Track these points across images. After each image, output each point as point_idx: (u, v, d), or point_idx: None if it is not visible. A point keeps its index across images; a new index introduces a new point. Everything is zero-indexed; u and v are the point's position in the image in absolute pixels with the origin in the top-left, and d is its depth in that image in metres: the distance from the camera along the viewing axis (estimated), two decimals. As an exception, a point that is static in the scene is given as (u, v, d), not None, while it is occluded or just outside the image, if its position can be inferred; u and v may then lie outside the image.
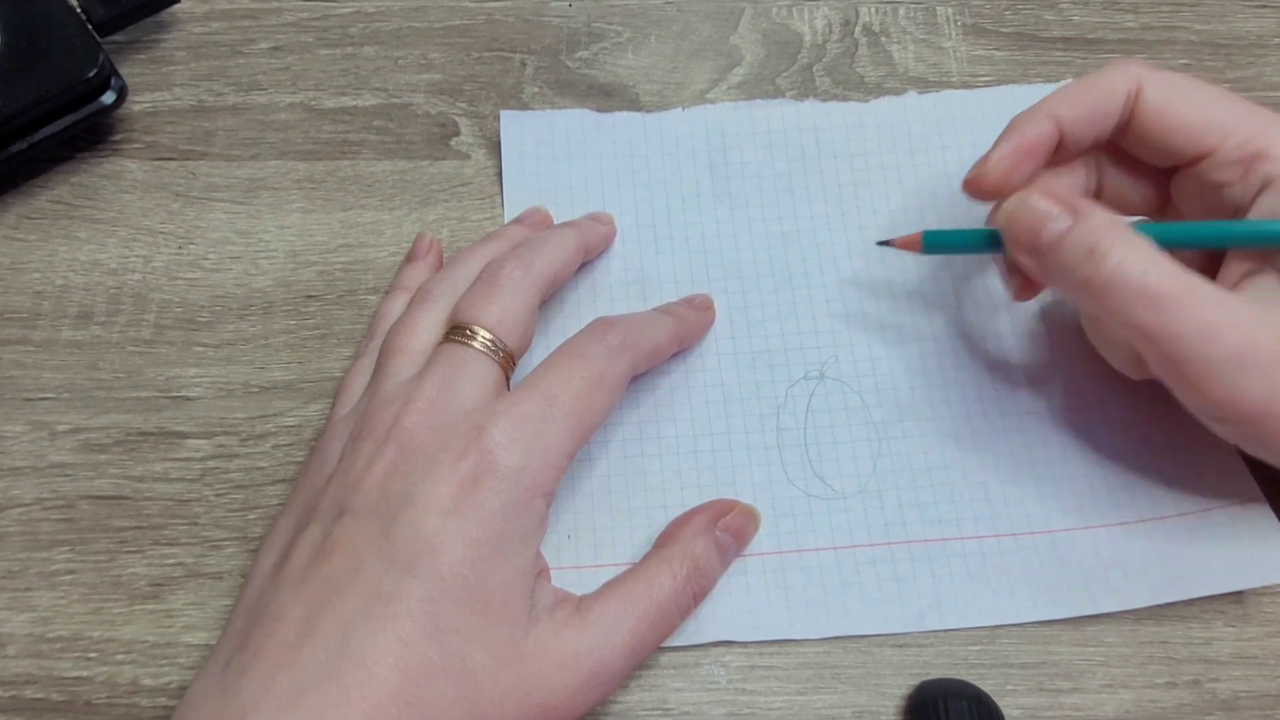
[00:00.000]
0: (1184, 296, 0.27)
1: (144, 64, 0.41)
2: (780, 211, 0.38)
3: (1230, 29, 0.41)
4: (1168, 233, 0.30)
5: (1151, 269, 0.27)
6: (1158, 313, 0.27)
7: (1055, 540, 0.32)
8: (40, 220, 0.38)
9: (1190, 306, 0.27)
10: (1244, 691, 0.31)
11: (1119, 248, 0.27)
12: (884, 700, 0.31)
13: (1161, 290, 0.27)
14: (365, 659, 0.24)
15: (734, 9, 0.42)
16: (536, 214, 0.37)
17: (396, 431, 0.28)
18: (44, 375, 0.35)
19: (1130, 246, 0.27)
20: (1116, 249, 0.27)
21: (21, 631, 0.31)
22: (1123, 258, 0.27)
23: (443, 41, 0.41)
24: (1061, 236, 0.28)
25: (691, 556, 0.30)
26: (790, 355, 0.35)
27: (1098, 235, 0.28)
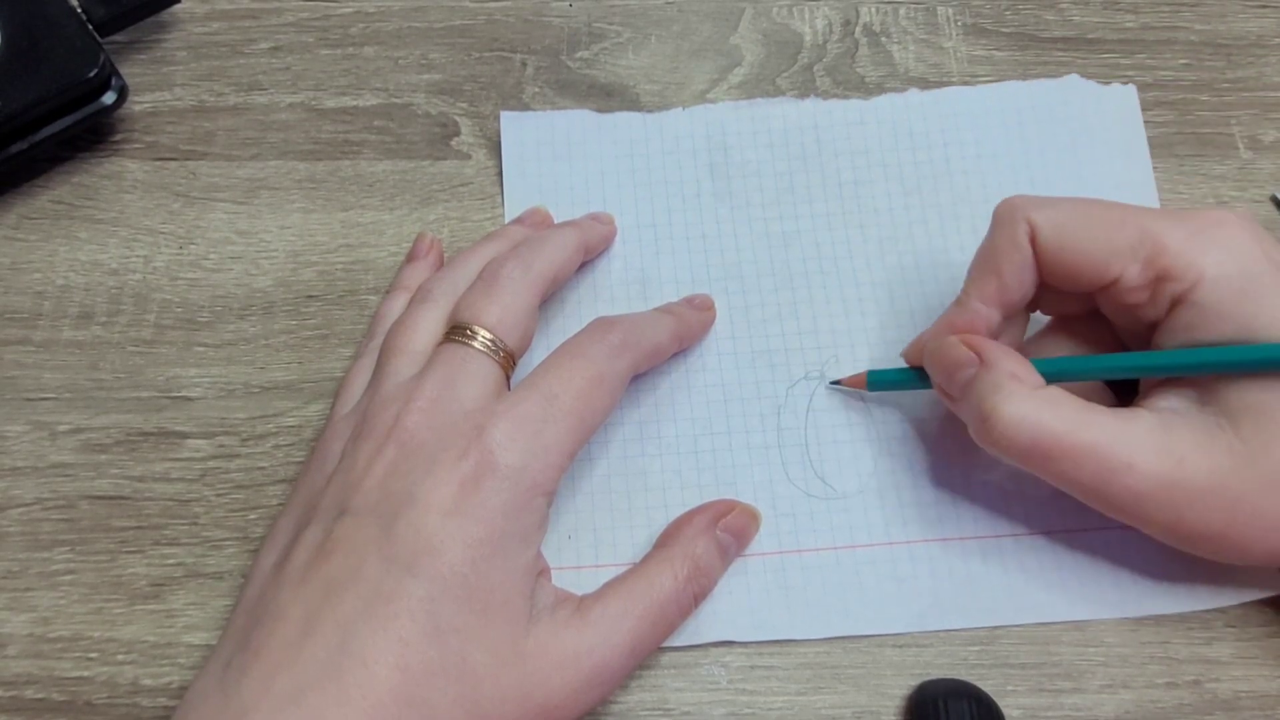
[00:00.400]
0: (1079, 444, 0.27)
1: (144, 64, 0.41)
2: (781, 211, 0.38)
3: (1230, 29, 0.41)
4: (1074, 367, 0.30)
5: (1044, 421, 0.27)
6: (1057, 465, 0.27)
7: (1057, 543, 0.32)
8: (41, 220, 0.38)
9: (1089, 452, 0.27)
10: (1244, 692, 0.30)
11: (1011, 403, 0.28)
12: (884, 700, 0.31)
13: (1057, 444, 0.27)
14: (366, 658, 0.24)
15: (734, 9, 0.42)
16: (537, 214, 0.37)
17: (397, 431, 0.28)
18: (45, 375, 0.35)
19: (1021, 400, 0.28)
20: (1008, 405, 0.28)
21: (22, 632, 0.31)
22: (1010, 415, 0.27)
23: (443, 41, 0.41)
24: (969, 384, 0.29)
25: (692, 556, 0.30)
26: (791, 355, 0.35)
27: (991, 390, 0.28)
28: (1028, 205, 0.30)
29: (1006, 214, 0.30)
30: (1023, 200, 0.30)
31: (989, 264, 0.30)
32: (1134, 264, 0.28)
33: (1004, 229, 0.30)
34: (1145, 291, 0.29)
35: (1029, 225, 0.29)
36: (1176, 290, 0.28)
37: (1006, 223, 0.30)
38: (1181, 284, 0.28)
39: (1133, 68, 0.41)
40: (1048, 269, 0.30)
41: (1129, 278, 0.29)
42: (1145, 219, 0.29)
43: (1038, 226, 0.29)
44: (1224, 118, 0.39)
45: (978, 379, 0.29)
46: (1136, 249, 0.28)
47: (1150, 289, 0.29)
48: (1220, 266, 0.28)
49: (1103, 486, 0.27)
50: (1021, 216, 0.30)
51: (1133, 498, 0.27)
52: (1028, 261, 0.30)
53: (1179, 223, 0.28)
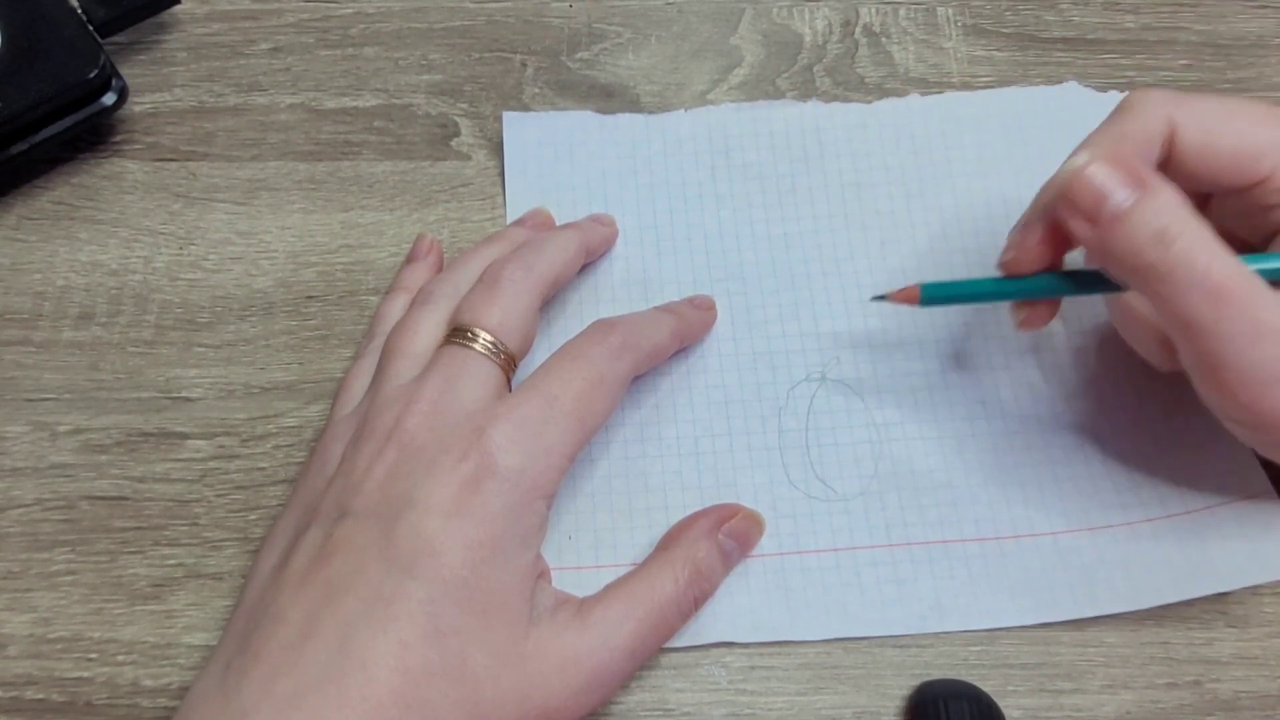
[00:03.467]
0: (1242, 294, 0.25)
1: (145, 65, 0.41)
2: (783, 213, 0.38)
3: (1231, 29, 0.41)
4: None
5: (1216, 260, 0.25)
6: (1213, 307, 0.25)
7: (1058, 542, 0.32)
8: (41, 221, 0.38)
9: (1246, 306, 0.25)
10: (1245, 692, 0.31)
11: (1187, 234, 0.25)
12: (884, 701, 0.31)
13: (1223, 284, 0.25)
14: (366, 661, 0.24)
15: (734, 10, 0.42)
16: (538, 215, 0.37)
17: (398, 433, 0.28)
18: (45, 376, 0.35)
19: (1197, 234, 0.26)
20: (1185, 235, 0.25)
21: (22, 632, 0.31)
22: (1189, 245, 0.25)
23: (443, 42, 0.41)
24: (1126, 213, 0.26)
25: (694, 560, 0.30)
26: (792, 357, 0.35)
27: (1166, 217, 0.26)
28: (1169, 99, 0.28)
29: (1142, 105, 0.28)
30: (1162, 93, 0.28)
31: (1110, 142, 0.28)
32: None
33: (1137, 118, 0.28)
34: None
35: (1169, 122, 0.28)
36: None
37: (1141, 112, 0.28)
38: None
39: (1133, 68, 0.41)
40: (1184, 169, 0.28)
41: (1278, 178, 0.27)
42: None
43: (1180, 125, 0.28)
44: (1224, 118, 0.39)
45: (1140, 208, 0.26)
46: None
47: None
48: None
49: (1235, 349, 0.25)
50: (1161, 112, 0.28)
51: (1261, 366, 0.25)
52: (1151, 158, 0.28)
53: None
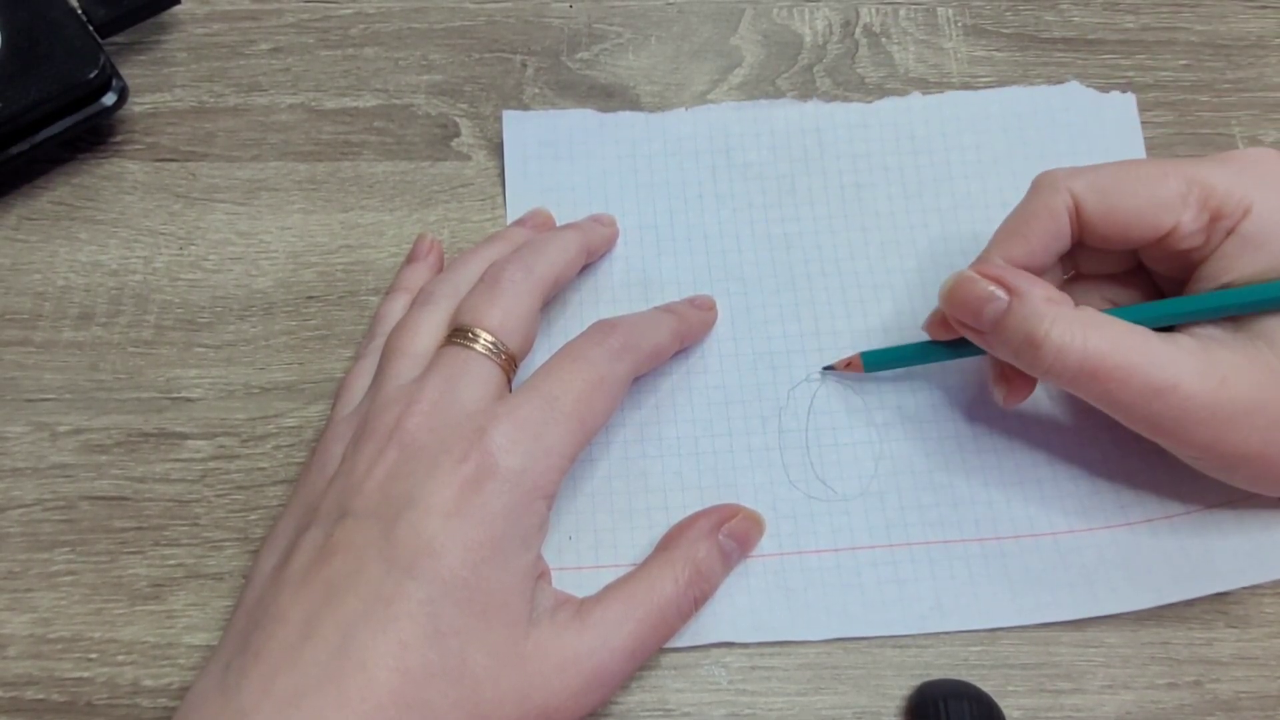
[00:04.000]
0: (1124, 365, 0.27)
1: (145, 65, 0.41)
2: (783, 213, 0.38)
3: (1230, 29, 0.41)
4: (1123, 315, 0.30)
5: (1090, 343, 0.27)
6: (1099, 385, 0.28)
7: (1058, 542, 0.32)
8: (41, 221, 0.38)
9: (1130, 376, 0.27)
10: (1245, 692, 0.31)
11: (1057, 328, 0.28)
12: (885, 701, 0.31)
13: (1100, 365, 0.27)
14: (365, 661, 0.24)
15: (734, 10, 0.42)
16: (539, 215, 0.37)
17: (398, 434, 0.28)
18: (45, 376, 0.35)
19: (1066, 324, 0.28)
20: (1055, 330, 0.28)
21: (22, 632, 0.31)
22: (1061, 338, 0.28)
23: (443, 43, 0.41)
24: (1001, 317, 0.29)
25: (694, 560, 0.30)
26: (792, 357, 0.35)
27: (1033, 319, 0.28)
28: (1069, 176, 0.30)
29: (1046, 183, 0.30)
30: (1063, 172, 0.30)
31: (1019, 228, 0.31)
32: (1186, 211, 0.29)
33: (1042, 196, 0.30)
34: (1201, 235, 0.29)
35: (1071, 196, 0.30)
36: (1228, 226, 0.29)
37: (1045, 191, 0.30)
38: (1232, 218, 0.29)
39: (1133, 68, 0.41)
40: (1097, 233, 0.30)
41: (1185, 224, 0.29)
42: (1186, 167, 0.29)
43: (1081, 195, 0.30)
44: (1224, 118, 0.39)
45: (1012, 311, 0.29)
46: (1185, 196, 0.29)
47: (1205, 232, 0.29)
48: (1266, 199, 0.29)
49: (1145, 406, 0.28)
50: (1063, 186, 0.30)
51: (1174, 418, 0.28)
52: (1061, 229, 0.30)
53: (1220, 164, 0.29)
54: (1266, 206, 0.29)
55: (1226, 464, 0.29)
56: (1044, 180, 0.31)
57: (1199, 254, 0.30)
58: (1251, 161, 0.30)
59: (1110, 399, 0.28)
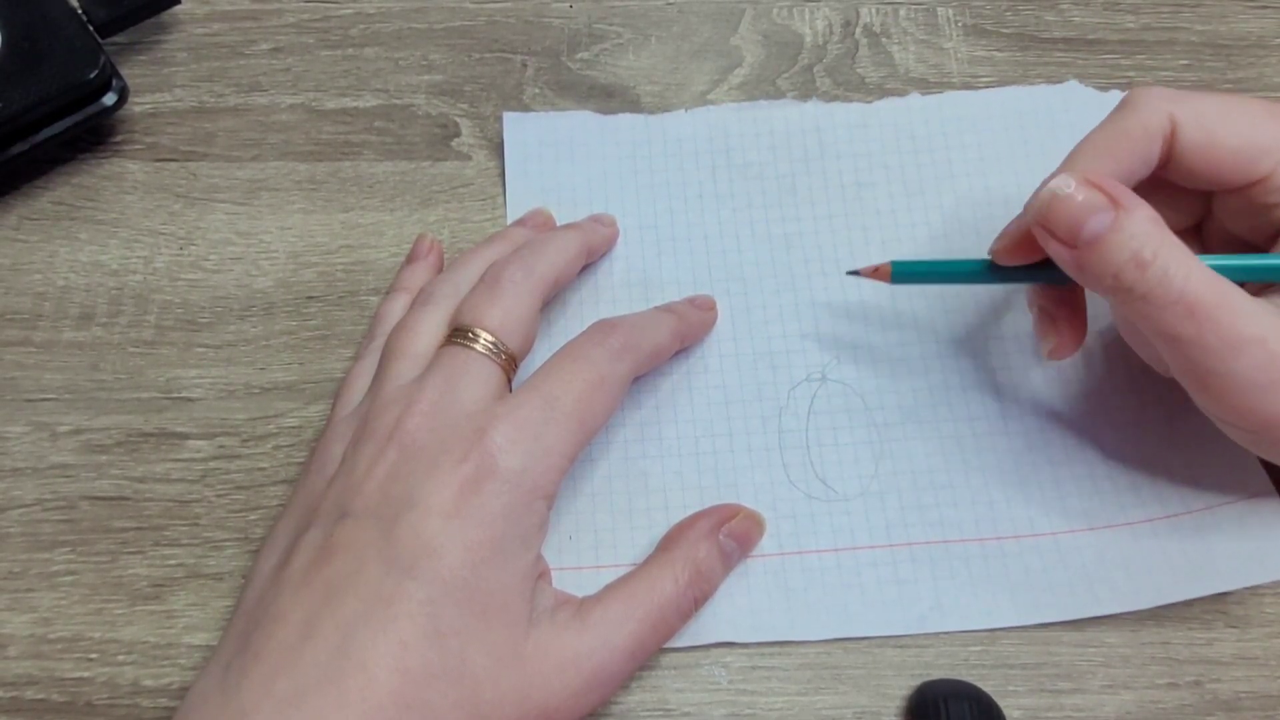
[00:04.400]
0: (1218, 308, 0.26)
1: (145, 65, 0.41)
2: (783, 213, 0.38)
3: (1231, 29, 0.41)
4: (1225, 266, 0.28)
5: (1192, 277, 0.26)
6: (1191, 323, 0.26)
7: (1059, 542, 0.32)
8: (41, 221, 0.38)
9: (1222, 319, 0.26)
10: (1245, 692, 0.31)
11: (1163, 254, 0.26)
12: (885, 701, 0.31)
13: (1200, 301, 0.26)
14: (365, 661, 0.24)
15: (734, 10, 0.42)
16: (539, 216, 0.37)
17: (398, 434, 0.28)
18: (45, 376, 0.35)
19: (1173, 252, 0.26)
20: (1161, 255, 0.26)
21: (23, 632, 0.31)
22: (1165, 265, 0.26)
23: (443, 43, 0.41)
24: (1103, 234, 0.26)
25: (694, 561, 0.30)
26: (792, 357, 0.35)
27: (1140, 239, 0.26)
28: (1170, 97, 0.28)
29: (1144, 101, 0.29)
30: (1162, 91, 0.29)
31: (1109, 146, 0.29)
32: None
33: (1138, 114, 0.28)
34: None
35: (1170, 119, 0.28)
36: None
37: (1142, 109, 0.28)
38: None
39: (1133, 69, 0.41)
40: (1185, 167, 0.28)
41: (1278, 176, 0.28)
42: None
43: (1181, 122, 0.28)
44: (1224, 119, 0.39)
45: (1118, 227, 0.26)
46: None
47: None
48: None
49: (1224, 360, 0.26)
50: (1163, 108, 0.28)
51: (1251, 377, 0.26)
52: (1151, 154, 0.28)
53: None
54: None
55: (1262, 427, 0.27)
56: (1141, 97, 0.29)
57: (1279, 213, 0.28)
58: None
59: (1195, 342, 0.26)
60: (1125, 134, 0.29)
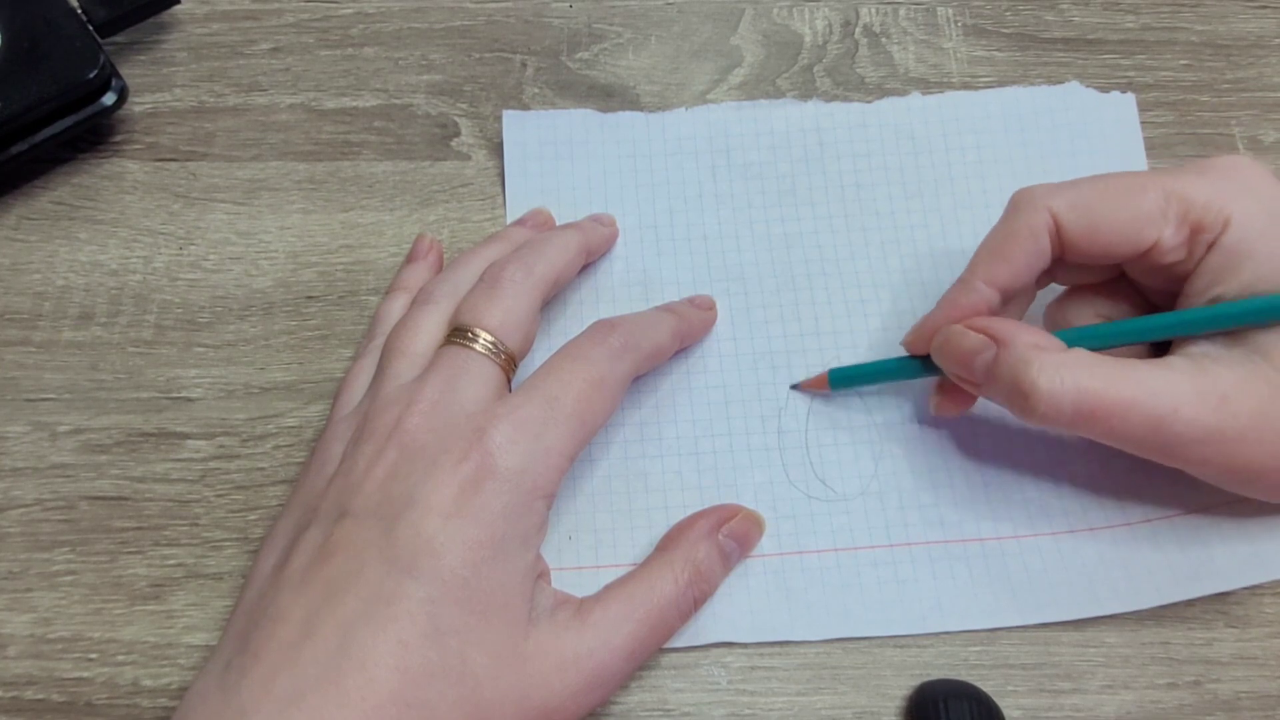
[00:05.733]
0: (1120, 399, 0.27)
1: (145, 65, 0.41)
2: (783, 213, 0.38)
3: (1230, 29, 0.41)
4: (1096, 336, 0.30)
5: (1082, 383, 0.27)
6: (1104, 424, 0.27)
7: (1059, 542, 0.32)
8: (41, 221, 0.38)
9: (1131, 407, 0.27)
10: (1245, 692, 0.31)
11: (1044, 374, 0.27)
12: (884, 701, 0.31)
13: (1099, 403, 0.27)
14: (365, 660, 0.24)
15: (734, 10, 0.42)
16: (539, 215, 0.37)
17: (398, 433, 0.28)
18: (45, 376, 0.35)
19: (1054, 368, 0.27)
20: (1042, 377, 0.27)
21: (22, 632, 0.31)
22: (1049, 383, 0.27)
23: (443, 42, 0.41)
24: (990, 367, 0.29)
25: (693, 561, 0.30)
26: (792, 357, 0.35)
27: (1020, 367, 0.28)
28: (1047, 194, 0.30)
29: (1025, 202, 0.30)
30: (1041, 189, 0.30)
31: (1000, 249, 0.30)
32: (1167, 226, 0.29)
33: (1022, 216, 0.30)
34: (1183, 249, 0.29)
35: (1050, 214, 0.30)
36: (1209, 239, 0.28)
37: (1025, 210, 0.30)
38: (1213, 231, 0.28)
39: (1133, 68, 0.41)
40: (1079, 250, 0.30)
41: (1165, 239, 0.29)
42: (1163, 180, 0.29)
43: (1061, 214, 0.30)
44: (1224, 118, 0.39)
45: (999, 360, 0.28)
46: (1165, 211, 0.29)
47: (1187, 245, 0.29)
48: (1245, 209, 0.28)
49: (1152, 436, 0.27)
50: (1042, 205, 0.30)
51: (1182, 443, 0.27)
52: (1041, 249, 0.30)
53: (1197, 175, 0.29)
54: (1246, 216, 0.28)
55: (1243, 480, 0.29)
56: (1022, 199, 0.30)
57: (1182, 267, 0.29)
58: (1228, 170, 0.29)
59: (1114, 435, 0.28)
60: (1013, 236, 0.30)
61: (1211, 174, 0.29)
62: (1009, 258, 0.30)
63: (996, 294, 0.30)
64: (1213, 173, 0.29)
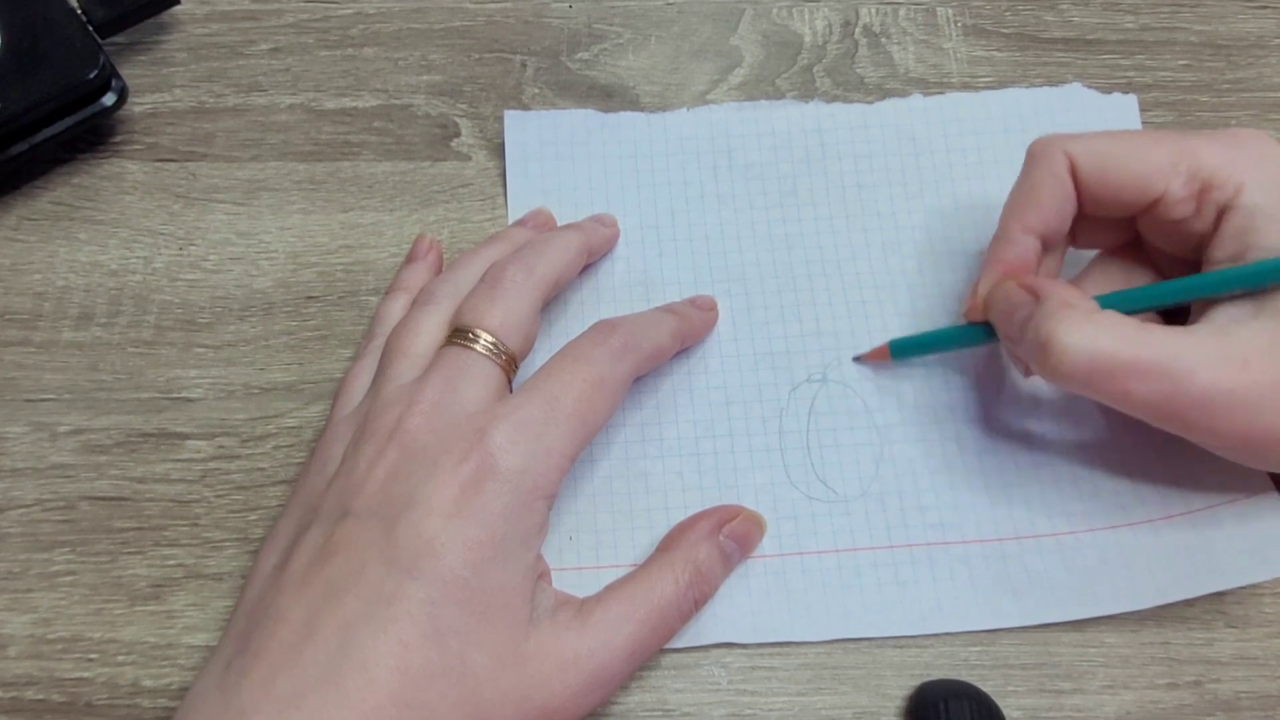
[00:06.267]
0: (1138, 359, 0.27)
1: (144, 65, 0.40)
2: (784, 214, 0.38)
3: (1230, 29, 0.41)
4: (1128, 300, 0.30)
5: (1100, 342, 0.27)
6: (1120, 385, 0.27)
7: (1060, 543, 0.32)
8: (41, 221, 0.38)
9: (1149, 368, 0.27)
10: (1245, 692, 0.31)
11: (1061, 329, 0.27)
12: (885, 701, 0.31)
13: (1114, 362, 0.27)
14: (366, 661, 0.24)
15: (734, 10, 0.42)
16: (539, 216, 0.37)
17: (399, 434, 0.28)
18: (45, 376, 0.35)
19: (1072, 325, 0.27)
20: (1059, 331, 0.27)
21: (22, 633, 0.31)
22: (1066, 338, 0.27)
23: (443, 43, 0.41)
24: (1024, 322, 0.29)
25: (694, 561, 0.30)
26: (793, 358, 0.35)
27: (1042, 322, 0.28)
28: (1063, 139, 0.31)
29: (1043, 149, 0.31)
30: (1058, 137, 0.31)
31: (1029, 196, 0.31)
32: (1176, 178, 0.29)
33: (1042, 162, 0.31)
34: (1191, 203, 0.29)
35: (1067, 157, 0.30)
36: (1221, 199, 0.29)
37: (1044, 157, 0.31)
38: (1224, 191, 0.29)
39: (1133, 68, 0.41)
40: (1090, 196, 0.31)
41: (1173, 191, 0.29)
42: (1177, 138, 0.30)
43: (1076, 156, 0.30)
44: (1224, 118, 0.39)
45: (1032, 315, 0.28)
46: (1176, 163, 0.29)
47: (1195, 200, 0.29)
48: (1258, 173, 0.29)
49: (1167, 401, 0.27)
50: (1059, 150, 0.31)
51: (1199, 408, 0.27)
52: (1068, 191, 0.31)
53: (1210, 139, 0.30)
54: (1260, 183, 0.29)
55: (1257, 449, 0.28)
56: (1039, 147, 0.31)
57: (1193, 225, 0.30)
58: (1243, 140, 0.30)
59: (1130, 398, 0.27)
60: (1040, 182, 0.31)
61: (1226, 139, 0.30)
62: (1039, 202, 0.31)
63: (1037, 240, 0.31)
64: (1227, 138, 0.30)
